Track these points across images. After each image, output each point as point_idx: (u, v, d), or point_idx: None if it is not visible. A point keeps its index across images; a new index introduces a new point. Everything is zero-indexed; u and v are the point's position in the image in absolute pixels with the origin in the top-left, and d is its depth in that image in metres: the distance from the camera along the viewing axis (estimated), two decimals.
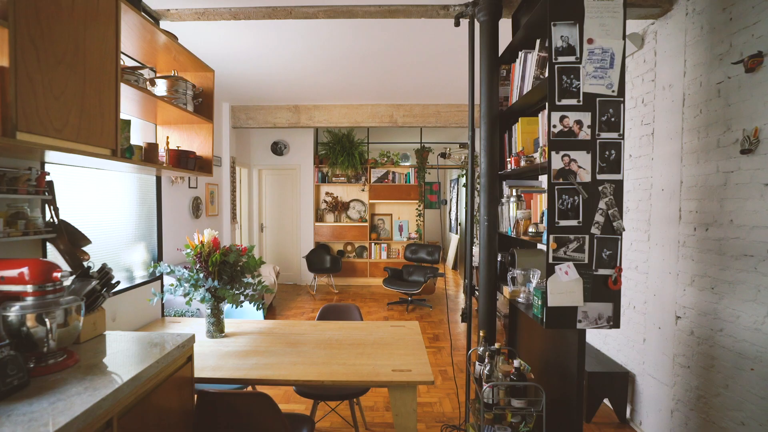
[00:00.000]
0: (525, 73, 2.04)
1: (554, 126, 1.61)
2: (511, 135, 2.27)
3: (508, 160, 2.23)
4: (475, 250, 4.84)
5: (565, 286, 1.59)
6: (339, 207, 7.27)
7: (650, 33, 2.57)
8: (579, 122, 1.60)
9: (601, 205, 1.61)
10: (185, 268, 2.05)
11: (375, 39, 3.31)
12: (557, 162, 1.61)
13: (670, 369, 2.34)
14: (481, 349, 2.03)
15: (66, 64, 1.30)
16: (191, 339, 1.60)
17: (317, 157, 7.24)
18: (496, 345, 1.97)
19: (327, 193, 7.38)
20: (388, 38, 3.30)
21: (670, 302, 2.35)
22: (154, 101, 2.06)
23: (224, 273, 2.08)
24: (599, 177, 1.60)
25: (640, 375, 2.62)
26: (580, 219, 1.60)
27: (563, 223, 1.61)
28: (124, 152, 1.69)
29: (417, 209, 7.25)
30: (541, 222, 1.87)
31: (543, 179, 2.39)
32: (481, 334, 2.09)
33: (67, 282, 1.34)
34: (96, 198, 2.06)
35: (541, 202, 1.94)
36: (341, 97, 5.30)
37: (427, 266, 6.02)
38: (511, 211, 2.13)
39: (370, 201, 7.24)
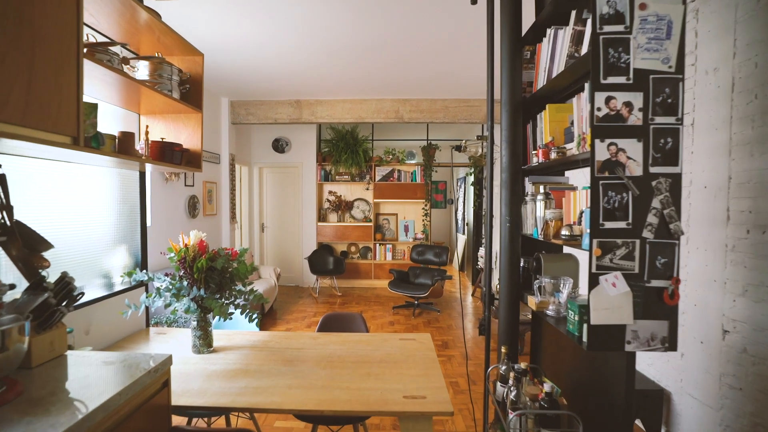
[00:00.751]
0: (555, 52, 1.78)
1: (598, 109, 1.34)
2: (536, 125, 2.01)
3: (533, 152, 1.97)
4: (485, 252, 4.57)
5: (611, 301, 1.33)
6: (342, 206, 7.01)
7: (689, 12, 2.30)
8: (628, 104, 1.34)
9: (655, 203, 1.34)
10: (166, 275, 1.80)
11: (378, 27, 3.06)
12: (602, 152, 1.34)
13: (716, 389, 2.07)
14: (504, 368, 1.77)
15: (4, 30, 1.05)
16: (167, 361, 1.36)
17: (320, 154, 6.99)
18: (522, 365, 1.71)
19: (330, 192, 7.13)
20: (392, 26, 3.04)
21: (715, 314, 2.08)
22: (136, 87, 1.82)
23: (211, 281, 1.83)
24: (653, 170, 1.34)
25: (677, 393, 2.35)
26: (630, 220, 1.34)
27: (609, 225, 1.34)
28: (89, 141, 1.44)
29: (423, 209, 6.99)
30: (577, 223, 1.61)
31: (570, 174, 2.13)
32: (503, 350, 1.84)
33: (9, 297, 1.10)
34: (65, 195, 1.82)
35: (574, 201, 1.67)
36: (344, 92, 5.05)
37: (435, 268, 5.76)
38: (537, 211, 1.86)
39: (375, 200, 6.98)
